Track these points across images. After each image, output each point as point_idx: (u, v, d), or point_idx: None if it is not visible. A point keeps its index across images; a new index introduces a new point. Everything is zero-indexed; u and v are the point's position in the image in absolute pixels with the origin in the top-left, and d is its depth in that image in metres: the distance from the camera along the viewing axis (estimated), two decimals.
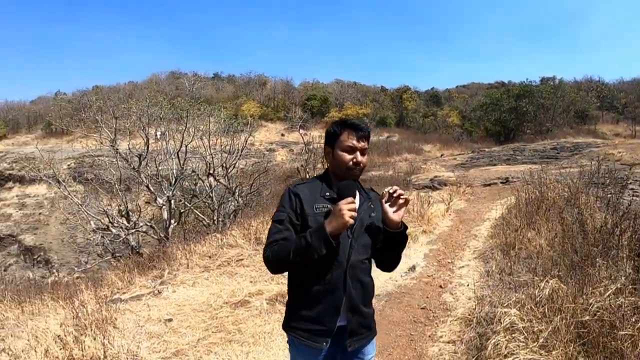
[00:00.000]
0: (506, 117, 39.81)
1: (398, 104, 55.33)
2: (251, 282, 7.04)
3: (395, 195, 2.32)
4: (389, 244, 2.43)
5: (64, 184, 15.48)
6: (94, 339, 4.85)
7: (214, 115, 17.91)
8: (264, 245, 2.38)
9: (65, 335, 4.83)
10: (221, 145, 16.98)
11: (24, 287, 9.60)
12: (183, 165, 15.08)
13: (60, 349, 4.63)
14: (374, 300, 5.26)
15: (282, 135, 45.90)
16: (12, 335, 5.41)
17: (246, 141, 17.66)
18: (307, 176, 20.75)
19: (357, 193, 2.42)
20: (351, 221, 2.14)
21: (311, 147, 23.22)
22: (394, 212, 2.32)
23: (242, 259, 8.30)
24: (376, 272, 6.32)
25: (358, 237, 2.38)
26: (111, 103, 17.41)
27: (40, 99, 64.25)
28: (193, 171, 16.55)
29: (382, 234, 2.42)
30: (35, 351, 4.73)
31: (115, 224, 14.10)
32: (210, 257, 8.68)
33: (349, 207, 2.15)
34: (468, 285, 5.48)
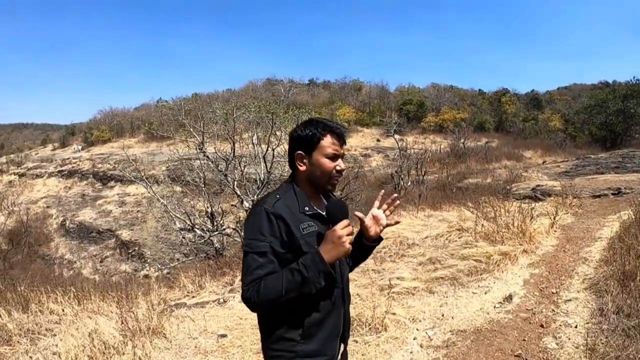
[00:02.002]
0: (613, 120, 36.73)
1: (497, 108, 53.31)
2: None
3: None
4: (359, 254, 2.32)
5: (149, 184, 15.65)
6: (123, 353, 4.50)
7: (303, 119, 17.46)
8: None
9: (93, 347, 4.52)
10: None
11: (91, 283, 9.57)
12: (270, 168, 14.78)
13: (91, 359, 4.34)
14: (458, 338, 4.44)
15: (378, 140, 45.56)
16: (65, 332, 5.12)
17: None
18: (401, 183, 20.03)
19: None
20: (351, 248, 1.94)
21: (407, 152, 22.53)
22: (376, 227, 2.24)
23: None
24: (463, 301, 5.45)
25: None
26: (208, 108, 17.53)
27: (144, 106, 68.82)
28: (282, 175, 16.28)
29: None
30: (60, 357, 4.46)
31: (197, 226, 14.14)
32: None
33: (347, 232, 1.93)
34: (576, 326, 4.40)
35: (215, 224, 14.75)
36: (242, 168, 14.97)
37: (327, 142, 2.07)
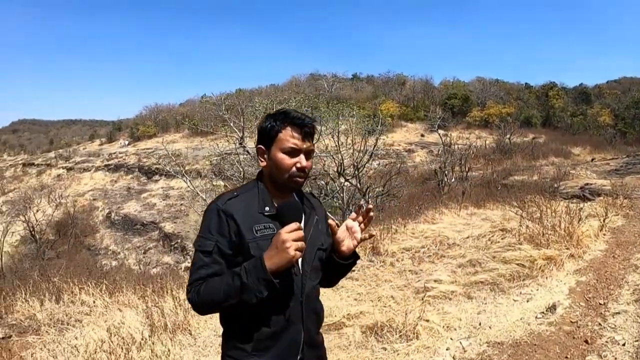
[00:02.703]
0: None
1: (544, 102, 52.01)
2: (355, 299, 6.07)
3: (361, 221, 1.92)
4: (333, 271, 2.03)
5: (189, 179, 15.75)
6: (142, 349, 4.41)
7: (344, 113, 17.24)
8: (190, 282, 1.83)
9: (111, 342, 4.46)
10: (353, 144, 16.35)
11: (128, 274, 9.59)
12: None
13: (109, 354, 4.27)
14: (494, 351, 4.13)
15: (422, 135, 45.00)
16: (93, 324, 5.16)
17: (377, 140, 16.85)
18: (445, 179, 19.63)
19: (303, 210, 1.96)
20: (298, 255, 1.67)
21: (451, 148, 22.11)
22: (350, 241, 1.91)
23: (352, 270, 7.32)
24: (502, 309, 5.10)
25: (311, 261, 1.93)
26: (249, 103, 17.54)
27: (188, 101, 70.27)
28: (325, 170, 16.13)
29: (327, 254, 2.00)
30: (78, 350, 4.38)
31: None
32: None
33: (294, 237, 1.66)
34: (624, 344, 4.01)
35: None
36: None
37: (285, 136, 1.84)
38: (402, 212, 11.21)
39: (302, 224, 1.87)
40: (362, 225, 1.93)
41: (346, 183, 15.46)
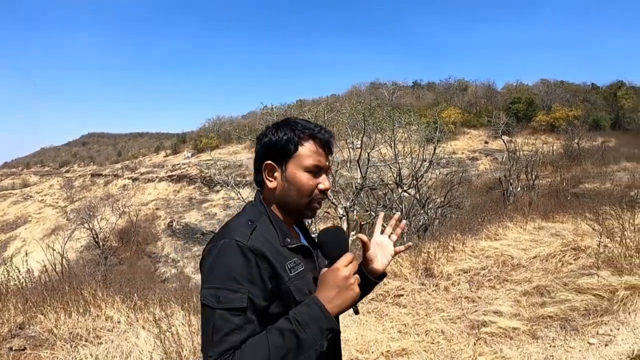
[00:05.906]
0: None
1: (612, 103, 49.55)
2: (399, 331, 5.25)
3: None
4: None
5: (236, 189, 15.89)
6: None
7: (401, 120, 16.58)
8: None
9: None
10: (411, 153, 15.72)
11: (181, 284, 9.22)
12: (365, 174, 14.00)
13: None
14: None
15: (485, 142, 44.00)
16: (112, 341, 4.75)
17: (435, 148, 16.11)
18: (510, 188, 18.67)
19: None
20: (359, 292, 1.38)
21: (516, 155, 21.25)
22: (383, 257, 1.63)
23: (401, 295, 6.52)
24: (574, 355, 4.10)
25: None
26: (301, 112, 17.28)
27: (250, 113, 72.72)
28: (382, 180, 15.55)
29: None
30: None
31: None
32: None
33: (354, 270, 1.37)
34: None
35: None
36: (333, 174, 14.35)
37: (308, 150, 1.48)
38: (461, 227, 10.33)
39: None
40: (392, 236, 1.70)
41: (404, 194, 14.81)
